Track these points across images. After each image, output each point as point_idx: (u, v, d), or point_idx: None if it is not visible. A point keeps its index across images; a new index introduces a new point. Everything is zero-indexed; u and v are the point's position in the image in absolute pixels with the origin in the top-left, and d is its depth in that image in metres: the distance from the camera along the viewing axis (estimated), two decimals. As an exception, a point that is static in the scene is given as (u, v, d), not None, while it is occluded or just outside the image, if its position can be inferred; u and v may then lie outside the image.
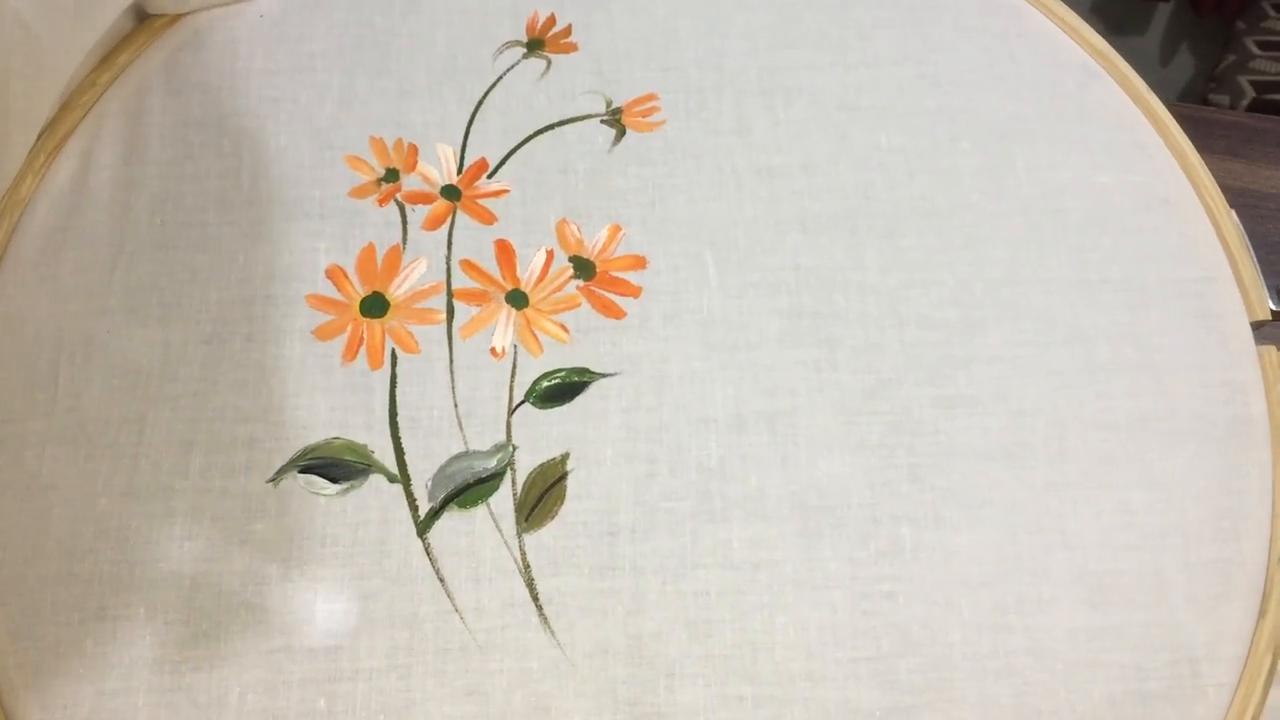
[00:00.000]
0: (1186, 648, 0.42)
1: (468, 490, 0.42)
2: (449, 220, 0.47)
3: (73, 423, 0.43)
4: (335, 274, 0.46)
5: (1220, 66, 1.25)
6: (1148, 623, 0.42)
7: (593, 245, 0.47)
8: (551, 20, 0.53)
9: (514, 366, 0.45)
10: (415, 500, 0.42)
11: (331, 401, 0.44)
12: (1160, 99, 0.53)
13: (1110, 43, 0.54)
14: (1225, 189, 0.69)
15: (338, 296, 0.46)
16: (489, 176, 0.49)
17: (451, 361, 0.45)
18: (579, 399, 0.44)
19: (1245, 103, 1.22)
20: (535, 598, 0.41)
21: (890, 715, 0.41)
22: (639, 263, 0.47)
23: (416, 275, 0.46)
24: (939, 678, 0.41)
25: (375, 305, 0.45)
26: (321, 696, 0.39)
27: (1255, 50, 1.22)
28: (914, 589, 0.42)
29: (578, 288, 0.46)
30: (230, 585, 0.41)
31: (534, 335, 0.45)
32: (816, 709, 0.40)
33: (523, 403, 0.44)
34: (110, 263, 0.46)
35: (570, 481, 0.43)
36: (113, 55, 0.51)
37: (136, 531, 0.41)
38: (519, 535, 0.42)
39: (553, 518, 0.42)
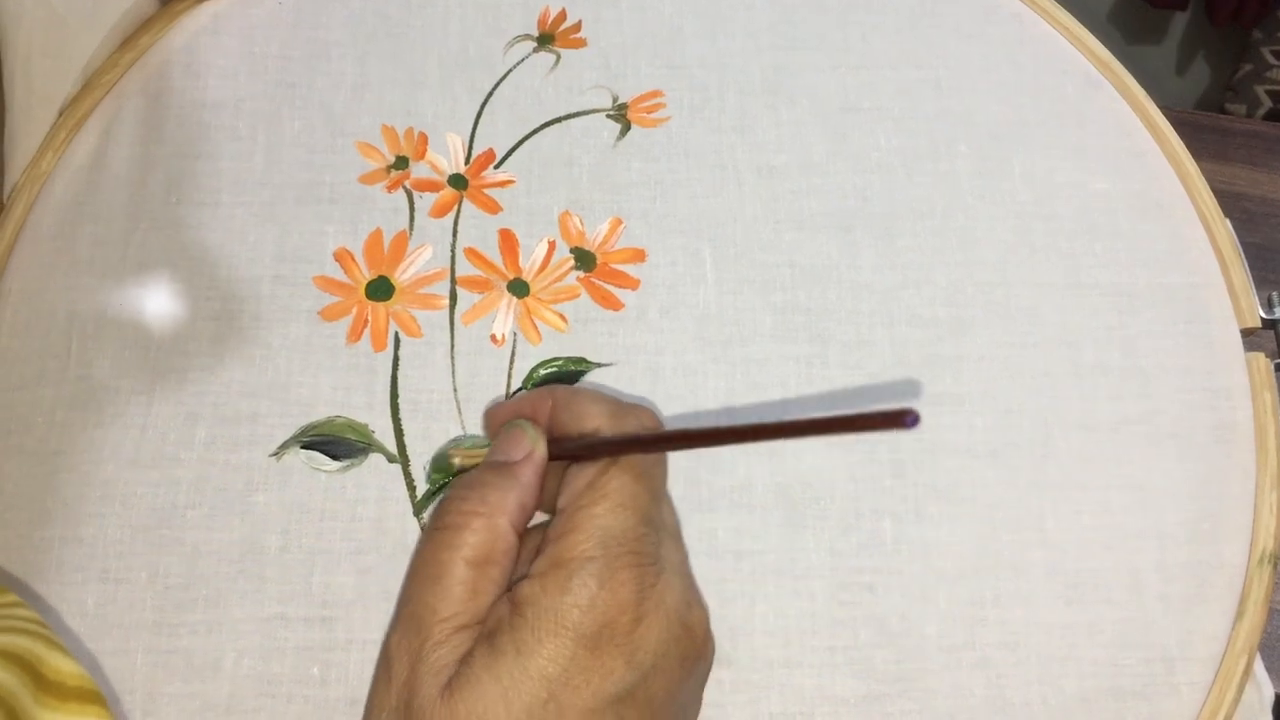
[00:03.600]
0: (1160, 646, 0.43)
1: (464, 472, 0.44)
2: (455, 208, 0.48)
3: (83, 391, 0.44)
4: (343, 257, 0.47)
5: (1236, 76, 1.25)
6: (1122, 620, 0.43)
7: (594, 237, 0.48)
8: (562, 15, 0.54)
9: (513, 354, 0.46)
10: (413, 480, 0.44)
11: (335, 381, 0.45)
12: (1178, 108, 0.54)
13: (1125, 51, 0.55)
14: (1246, 198, 0.69)
15: (344, 279, 0.47)
16: (495, 167, 0.50)
17: (453, 347, 0.46)
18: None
19: (1262, 112, 1.22)
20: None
21: (865, 703, 0.42)
22: (638, 256, 0.48)
23: (421, 261, 0.47)
24: (914, 668, 0.42)
25: (380, 289, 0.47)
26: (315, 664, 0.41)
27: (1272, 60, 1.22)
28: (893, 581, 0.43)
29: (578, 279, 0.47)
30: (230, 554, 0.42)
31: (533, 324, 0.46)
32: (793, 695, 0.41)
33: (520, 389, 0.45)
34: (125, 238, 0.47)
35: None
36: (134, 37, 0.52)
37: (141, 499, 0.42)
38: (511, 516, 0.43)
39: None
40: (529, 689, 0.31)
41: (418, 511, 0.43)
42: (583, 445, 0.35)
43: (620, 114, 0.51)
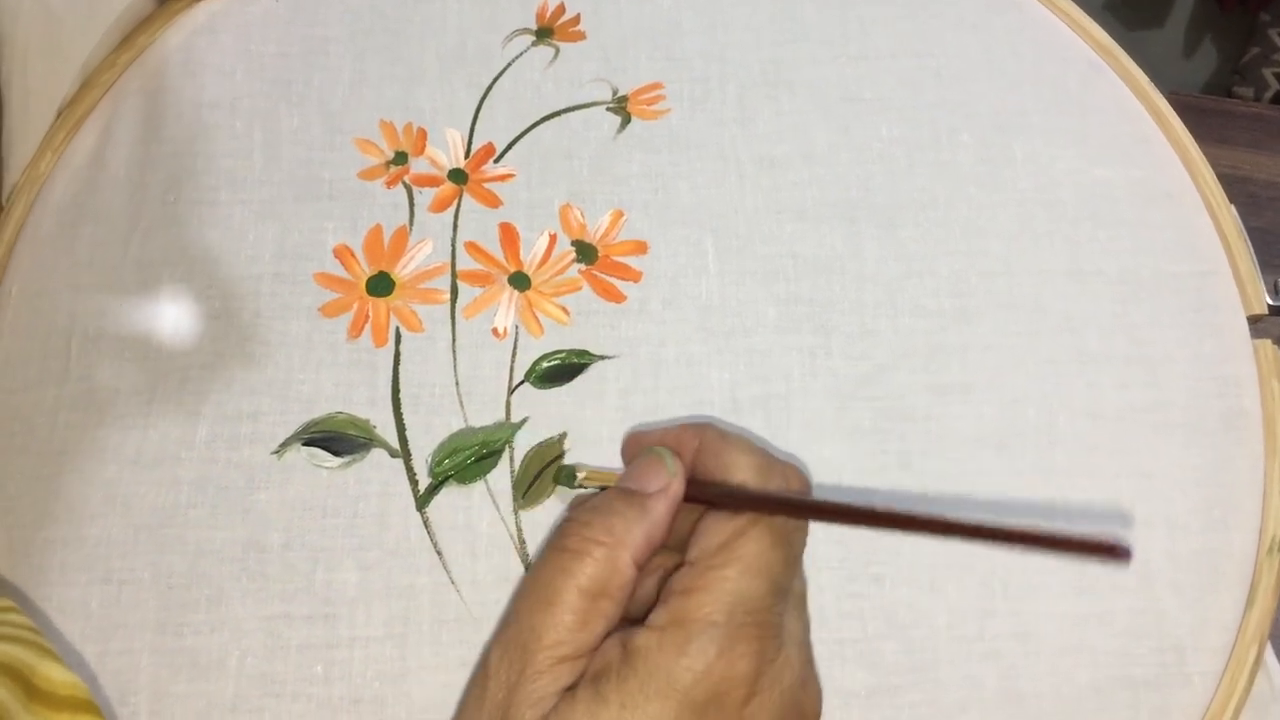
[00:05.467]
0: (1172, 635, 0.43)
1: (467, 467, 0.43)
2: (455, 203, 0.48)
3: (84, 392, 0.44)
4: (343, 253, 0.47)
5: (1244, 59, 1.25)
6: (1134, 610, 0.43)
7: (595, 230, 0.48)
8: (561, 9, 0.53)
9: (515, 347, 0.46)
10: (415, 475, 0.43)
11: (336, 377, 0.45)
12: (1184, 91, 0.53)
13: (1131, 35, 0.54)
14: (1251, 182, 0.69)
15: (345, 275, 0.47)
16: (495, 161, 0.49)
17: (454, 341, 0.46)
18: (577, 380, 0.45)
19: (1269, 95, 1.21)
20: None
21: (874, 696, 0.41)
22: (640, 248, 0.48)
23: (422, 256, 0.47)
24: (924, 660, 0.42)
25: (381, 284, 0.46)
26: (319, 663, 0.40)
27: (1279, 42, 1.21)
28: (901, 572, 0.43)
29: (579, 271, 0.47)
30: (233, 553, 0.42)
31: (535, 317, 0.46)
32: None
33: (522, 382, 0.45)
34: (125, 238, 0.47)
35: (567, 461, 0.44)
36: (132, 36, 0.52)
37: (143, 498, 0.42)
38: (515, 512, 0.43)
39: (549, 495, 0.43)
40: None
41: (420, 506, 0.43)
42: (724, 494, 0.34)
43: (620, 106, 0.51)
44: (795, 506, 0.34)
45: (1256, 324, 0.49)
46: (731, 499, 0.34)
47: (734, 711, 0.31)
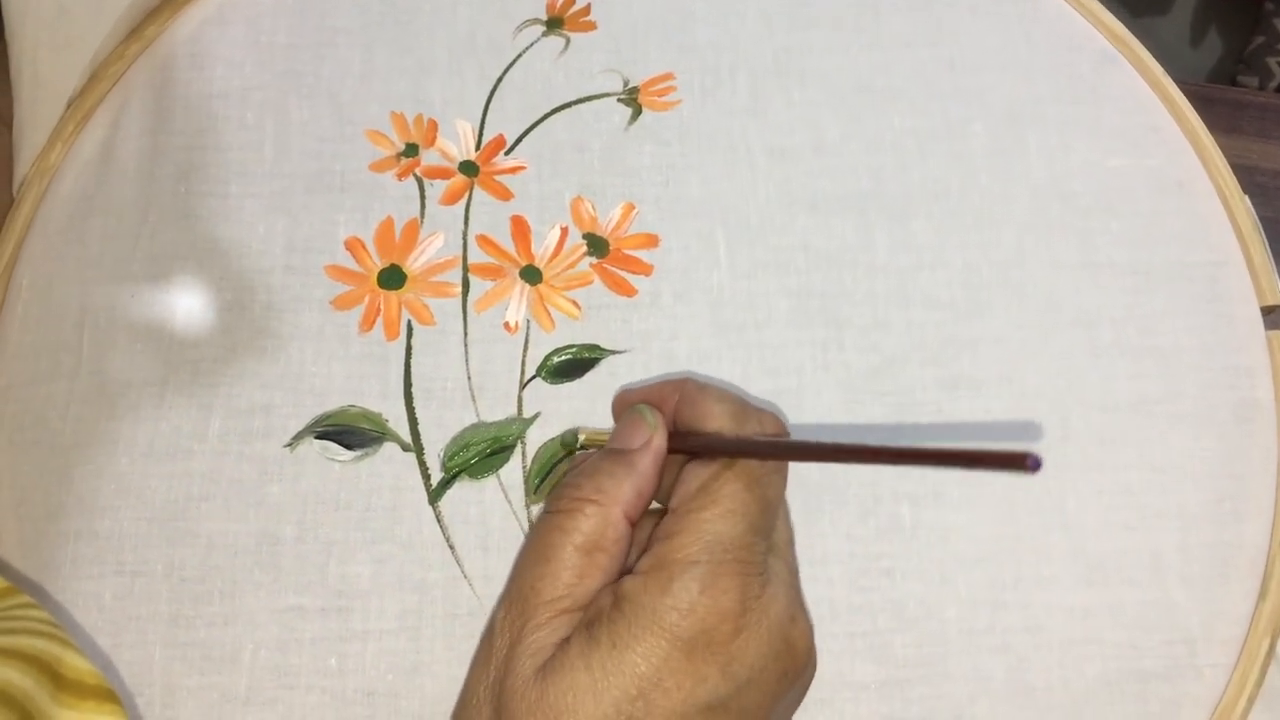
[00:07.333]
0: (1183, 628, 0.43)
1: (479, 461, 0.43)
2: (466, 196, 0.48)
3: (96, 385, 0.44)
4: (354, 246, 0.47)
5: (1249, 48, 1.24)
6: (1144, 602, 0.43)
7: (606, 223, 0.48)
8: (571, -1, 0.53)
9: (526, 341, 0.46)
10: (428, 469, 0.43)
11: (348, 370, 0.45)
12: (1189, 80, 0.53)
13: (1136, 24, 0.54)
14: (1259, 172, 0.69)
15: (356, 268, 0.47)
16: (506, 153, 0.49)
17: (465, 335, 0.46)
18: (589, 375, 0.45)
19: (1274, 84, 1.20)
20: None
21: (884, 689, 0.41)
22: (651, 241, 0.48)
23: (433, 249, 0.47)
24: (934, 653, 0.42)
25: (392, 277, 0.46)
26: (332, 655, 0.41)
27: (1284, 31, 1.20)
28: (912, 566, 0.43)
29: (591, 265, 0.47)
30: (246, 545, 0.42)
31: (546, 311, 0.46)
32: (812, 681, 0.41)
33: (534, 377, 0.45)
34: (135, 231, 0.47)
35: (578, 455, 0.44)
36: (141, 27, 0.52)
37: (156, 491, 0.42)
38: (527, 506, 0.43)
39: (560, 488, 0.43)
40: (619, 683, 0.31)
41: (432, 500, 0.43)
42: (703, 443, 0.35)
43: (631, 98, 0.51)
44: (764, 449, 0.35)
45: (1270, 315, 0.49)
46: (711, 447, 0.35)
47: (722, 646, 0.32)
